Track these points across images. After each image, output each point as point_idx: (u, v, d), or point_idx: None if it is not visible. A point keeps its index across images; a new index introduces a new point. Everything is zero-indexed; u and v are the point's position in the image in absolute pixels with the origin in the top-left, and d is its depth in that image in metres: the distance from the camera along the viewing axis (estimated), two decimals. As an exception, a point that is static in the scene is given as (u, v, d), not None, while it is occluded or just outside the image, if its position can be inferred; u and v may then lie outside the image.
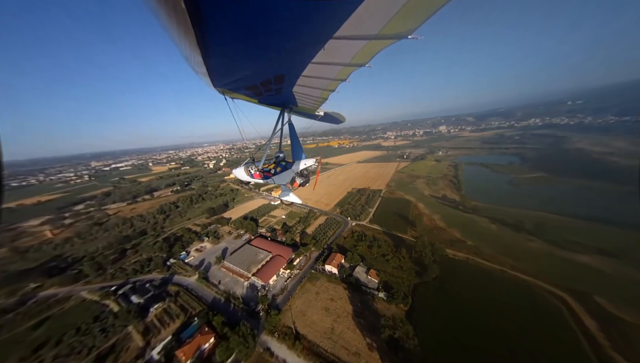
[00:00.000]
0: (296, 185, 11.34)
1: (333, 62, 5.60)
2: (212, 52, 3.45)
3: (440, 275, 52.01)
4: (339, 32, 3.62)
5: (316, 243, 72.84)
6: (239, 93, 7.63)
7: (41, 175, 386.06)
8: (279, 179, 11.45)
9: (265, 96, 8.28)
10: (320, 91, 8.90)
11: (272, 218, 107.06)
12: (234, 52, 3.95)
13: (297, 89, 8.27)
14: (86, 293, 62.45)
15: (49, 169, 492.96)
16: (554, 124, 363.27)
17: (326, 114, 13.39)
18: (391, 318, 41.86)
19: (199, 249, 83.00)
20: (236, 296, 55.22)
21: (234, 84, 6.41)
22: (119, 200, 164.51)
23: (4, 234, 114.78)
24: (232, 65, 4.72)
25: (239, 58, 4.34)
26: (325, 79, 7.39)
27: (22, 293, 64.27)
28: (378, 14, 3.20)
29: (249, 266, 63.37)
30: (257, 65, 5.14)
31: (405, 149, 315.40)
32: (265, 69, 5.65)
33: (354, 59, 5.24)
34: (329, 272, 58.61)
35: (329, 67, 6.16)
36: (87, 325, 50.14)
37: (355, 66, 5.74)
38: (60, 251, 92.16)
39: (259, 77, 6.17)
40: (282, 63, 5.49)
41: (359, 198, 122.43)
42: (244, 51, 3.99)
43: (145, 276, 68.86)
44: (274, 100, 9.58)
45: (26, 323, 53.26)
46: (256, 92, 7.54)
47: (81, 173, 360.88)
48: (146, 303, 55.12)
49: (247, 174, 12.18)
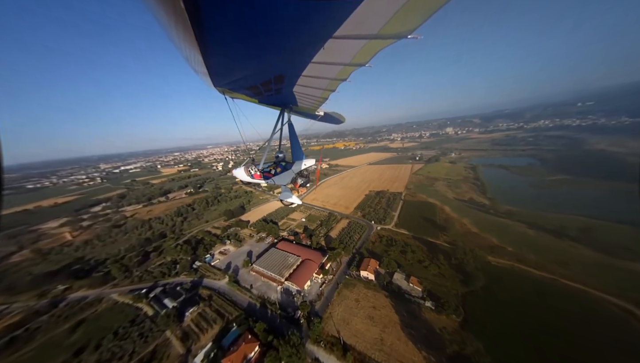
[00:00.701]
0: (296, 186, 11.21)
1: (333, 61, 5.56)
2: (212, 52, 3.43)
3: (488, 284, 49.77)
4: (338, 31, 3.60)
5: (345, 248, 71.39)
6: (239, 93, 7.54)
7: (54, 177, 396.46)
8: (279, 180, 11.28)
9: (265, 96, 8.23)
10: (321, 91, 8.84)
11: (292, 221, 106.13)
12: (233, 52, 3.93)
13: (297, 88, 8.17)
14: (117, 295, 62.25)
15: (60, 171, 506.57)
16: (566, 126, 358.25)
17: (326, 114, 13.29)
18: (455, 332, 39.64)
19: (222, 252, 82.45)
20: (271, 301, 54.08)
21: (234, 84, 6.34)
22: (134, 202, 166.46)
23: (25, 236, 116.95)
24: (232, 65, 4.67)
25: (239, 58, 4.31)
26: (325, 79, 7.32)
27: (52, 295, 64.52)
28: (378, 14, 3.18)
29: (280, 270, 62.27)
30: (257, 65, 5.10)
31: (416, 150, 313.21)
32: (265, 69, 5.60)
33: (354, 58, 5.22)
34: (365, 278, 57.01)
35: (329, 67, 6.12)
36: (124, 329, 49.64)
37: (355, 65, 5.68)
38: (81, 254, 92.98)
39: (259, 77, 6.14)
40: (282, 63, 5.45)
41: (379, 200, 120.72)
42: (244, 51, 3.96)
43: (173, 279, 68.43)
44: (274, 100, 9.53)
45: (62, 326, 53.11)
46: (256, 92, 7.47)
47: (92, 175, 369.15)
48: (180, 307, 54.44)
49: (247, 174, 11.91)
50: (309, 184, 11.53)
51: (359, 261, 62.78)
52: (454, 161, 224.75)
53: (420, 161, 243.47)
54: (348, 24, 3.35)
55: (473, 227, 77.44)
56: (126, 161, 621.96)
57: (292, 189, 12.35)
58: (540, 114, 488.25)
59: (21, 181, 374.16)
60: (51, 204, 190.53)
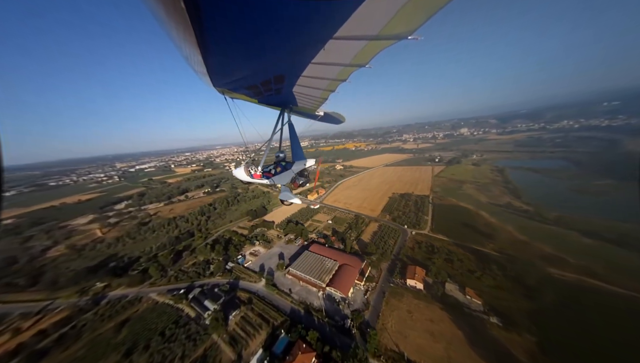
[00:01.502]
0: (296, 186, 11.39)
1: (333, 62, 5.56)
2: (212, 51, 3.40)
3: (560, 300, 45.66)
4: (339, 32, 3.62)
5: (383, 254, 69.10)
6: (238, 93, 7.54)
7: (73, 175, 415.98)
8: (279, 180, 11.32)
9: (265, 96, 8.28)
10: (320, 91, 8.88)
11: (318, 223, 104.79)
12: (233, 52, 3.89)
13: (297, 89, 8.22)
14: (155, 295, 62.81)
15: (78, 169, 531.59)
16: (594, 126, 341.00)
17: (326, 114, 13.35)
18: (534, 356, 36.09)
19: (253, 253, 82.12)
20: (315, 307, 52.63)
21: (234, 83, 6.29)
22: (155, 200, 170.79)
23: (57, 231, 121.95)
24: (232, 65, 4.67)
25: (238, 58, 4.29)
26: (325, 80, 7.32)
27: (93, 292, 66.01)
28: (378, 15, 3.19)
29: (320, 275, 60.80)
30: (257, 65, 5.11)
31: (432, 152, 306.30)
32: (265, 69, 5.59)
33: (354, 59, 5.23)
34: (412, 287, 54.51)
35: (329, 68, 6.12)
36: (170, 330, 49.64)
37: (355, 66, 5.69)
38: (114, 250, 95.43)
39: (258, 77, 6.15)
40: (282, 63, 5.45)
41: (405, 203, 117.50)
42: (244, 51, 3.95)
43: (209, 280, 68.44)
44: (274, 100, 9.54)
45: (107, 324, 53.88)
46: (256, 92, 7.49)
47: (109, 174, 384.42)
48: (222, 309, 54.07)
49: (247, 174, 11.93)
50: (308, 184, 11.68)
51: (401, 269, 60.37)
52: (477, 163, 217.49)
53: (439, 163, 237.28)
54: (349, 24, 3.35)
55: (520, 235, 73.03)
56: (140, 161, 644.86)
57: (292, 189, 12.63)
58: (563, 114, 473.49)
59: (43, 178, 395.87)
60: (75, 201, 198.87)
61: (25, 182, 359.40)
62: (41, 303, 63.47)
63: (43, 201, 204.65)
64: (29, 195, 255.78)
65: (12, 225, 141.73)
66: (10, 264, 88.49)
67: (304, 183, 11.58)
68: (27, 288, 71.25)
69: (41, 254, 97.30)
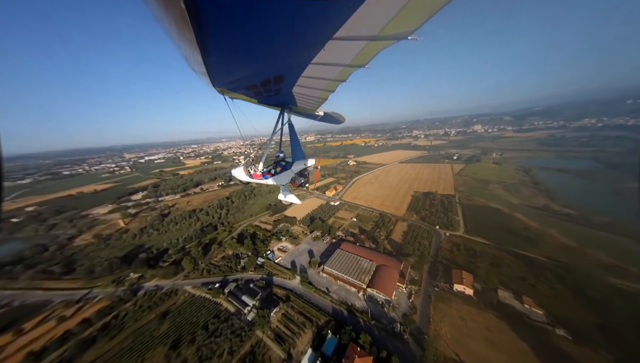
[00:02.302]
0: (295, 186, 11.30)
1: (333, 62, 5.64)
2: (212, 51, 3.45)
3: (631, 314, 43.13)
4: (339, 32, 3.65)
5: (421, 255, 67.24)
6: (238, 93, 7.58)
7: (85, 165, 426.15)
8: (279, 180, 11.38)
9: (264, 96, 8.34)
10: (320, 92, 9.00)
11: (342, 220, 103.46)
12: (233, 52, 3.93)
13: (297, 89, 8.32)
14: (191, 288, 63.16)
15: (89, 159, 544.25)
16: (620, 125, 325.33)
17: (326, 114, 13.50)
18: None
19: (281, 249, 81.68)
20: (358, 309, 51.72)
21: (234, 83, 6.32)
22: (170, 192, 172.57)
23: (79, 221, 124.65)
24: (231, 65, 4.73)
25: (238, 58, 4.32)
26: (325, 80, 7.42)
27: (129, 283, 66.90)
28: (378, 15, 3.23)
29: (359, 275, 59.67)
30: (256, 65, 5.11)
31: (447, 149, 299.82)
32: (265, 69, 5.64)
33: (354, 59, 5.31)
34: (460, 292, 52.76)
35: (329, 68, 6.21)
36: (213, 324, 49.70)
37: (354, 66, 5.78)
38: (139, 241, 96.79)
39: (258, 77, 6.16)
40: (282, 63, 5.50)
41: (430, 202, 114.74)
42: (244, 51, 3.95)
43: (241, 274, 68.39)
44: (274, 100, 9.59)
45: (148, 315, 54.46)
46: (256, 92, 7.52)
47: (120, 164, 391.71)
48: (261, 305, 53.83)
49: (247, 174, 11.98)
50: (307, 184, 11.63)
51: (444, 272, 58.61)
52: (498, 161, 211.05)
53: (458, 161, 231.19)
54: (348, 25, 3.37)
55: (569, 240, 69.79)
56: (148, 152, 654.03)
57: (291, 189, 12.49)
58: (582, 112, 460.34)
59: (55, 167, 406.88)
60: (91, 190, 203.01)
61: (39, 171, 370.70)
62: (80, 292, 64.89)
63: (60, 190, 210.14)
64: (45, 183, 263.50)
65: (34, 212, 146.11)
66: (41, 251, 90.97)
67: (303, 183, 11.39)
68: (63, 276, 72.98)
69: (68, 242, 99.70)
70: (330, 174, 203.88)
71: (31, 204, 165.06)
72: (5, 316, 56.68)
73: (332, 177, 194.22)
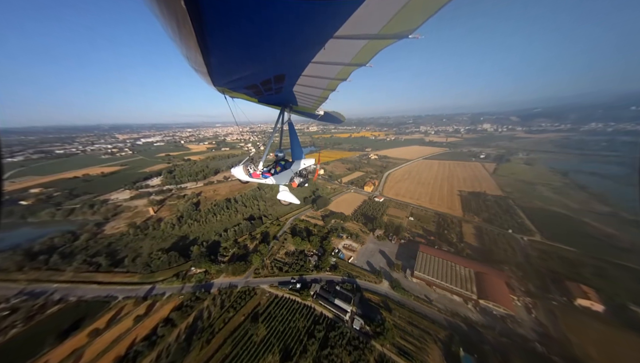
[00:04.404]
0: (294, 185, 11.52)
1: (333, 61, 5.75)
2: (213, 52, 3.52)
3: None
4: (339, 31, 3.73)
5: (517, 263, 64.10)
6: (238, 92, 7.77)
7: (77, 144, 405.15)
8: (278, 179, 11.54)
9: (265, 95, 8.51)
10: (321, 91, 9.22)
11: (396, 219, 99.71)
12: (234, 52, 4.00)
13: (297, 88, 8.53)
14: (268, 287, 58.71)
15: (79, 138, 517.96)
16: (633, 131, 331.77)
17: (326, 113, 13.90)
18: None
19: (348, 247, 77.61)
20: (478, 322, 48.31)
21: (234, 83, 6.46)
22: (190, 179, 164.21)
23: (101, 207, 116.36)
24: (232, 65, 4.78)
25: (239, 58, 4.37)
26: (325, 79, 7.63)
27: (195, 279, 61.64)
28: (378, 14, 3.29)
29: (462, 283, 56.29)
30: (257, 65, 5.19)
31: (467, 147, 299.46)
32: (266, 68, 5.74)
33: (354, 58, 5.40)
34: (585, 308, 49.80)
35: (329, 67, 6.35)
36: (319, 332, 45.65)
37: (355, 65, 5.92)
38: (180, 232, 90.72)
39: (259, 76, 6.27)
40: (283, 63, 5.62)
41: (484, 203, 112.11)
42: (245, 51, 4.03)
43: (319, 274, 64.14)
44: (274, 99, 9.78)
45: (237, 317, 49.81)
46: (256, 91, 7.68)
47: (117, 146, 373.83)
48: (364, 312, 50.08)
49: (246, 173, 12.17)
50: (307, 185, 11.69)
51: (555, 284, 55.62)
52: (529, 162, 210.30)
53: (486, 160, 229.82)
54: (349, 24, 3.43)
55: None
56: (142, 134, 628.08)
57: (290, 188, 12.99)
58: (589, 116, 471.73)
59: (43, 145, 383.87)
60: (98, 173, 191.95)
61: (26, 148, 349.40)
62: (141, 287, 59.56)
63: (61, 171, 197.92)
64: (40, 163, 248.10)
65: (42, 195, 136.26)
66: (71, 240, 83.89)
67: (302, 182, 11.58)
68: (112, 268, 66.90)
69: (98, 230, 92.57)
70: (355, 168, 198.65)
71: (34, 186, 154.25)
72: (67, 314, 51.21)
73: (359, 171, 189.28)
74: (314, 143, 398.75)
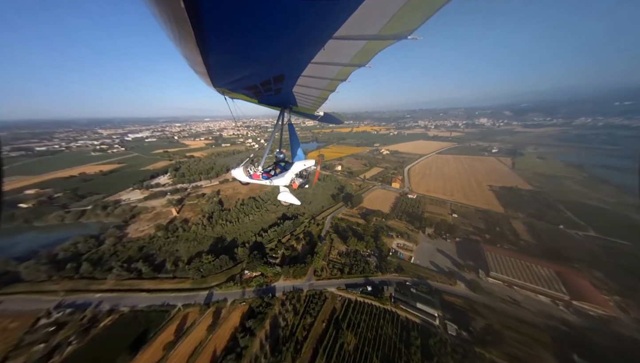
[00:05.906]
0: (295, 186, 11.75)
1: (333, 62, 5.85)
2: (212, 52, 3.58)
3: None
4: (339, 32, 3.80)
5: (590, 261, 63.80)
6: (238, 93, 7.89)
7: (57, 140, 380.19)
8: (278, 181, 11.73)
9: (264, 96, 8.67)
10: (320, 91, 9.31)
11: (438, 216, 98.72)
12: (233, 53, 4.05)
13: (297, 89, 8.68)
14: (336, 290, 56.07)
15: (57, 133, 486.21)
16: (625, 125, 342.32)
17: (326, 114, 14.33)
18: None
19: (403, 247, 75.77)
20: (579, 325, 47.36)
21: (234, 84, 6.59)
22: (202, 177, 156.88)
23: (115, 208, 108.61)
24: (232, 65, 4.86)
25: (238, 58, 4.47)
26: (325, 79, 7.73)
27: (256, 283, 57.69)
28: (378, 14, 3.35)
29: (546, 283, 55.39)
30: (257, 65, 5.29)
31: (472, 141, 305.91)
32: (265, 69, 5.85)
33: (354, 59, 5.49)
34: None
35: (329, 67, 6.42)
36: (415, 339, 43.40)
37: (354, 66, 5.97)
38: (213, 233, 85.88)
39: (258, 77, 6.39)
40: (282, 63, 5.70)
41: (520, 198, 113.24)
42: (244, 52, 4.09)
43: (385, 276, 62.06)
44: (274, 100, 9.99)
45: (312, 322, 46.64)
46: (256, 92, 7.81)
47: (105, 142, 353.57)
48: (453, 317, 48.35)
49: (246, 174, 12.20)
50: (307, 185, 11.84)
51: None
52: (542, 156, 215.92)
53: (498, 154, 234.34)
54: (348, 24, 3.49)
55: None
56: (127, 129, 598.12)
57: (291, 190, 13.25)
58: (579, 110, 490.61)
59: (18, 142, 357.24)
60: (96, 171, 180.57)
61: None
62: (197, 293, 55.64)
63: (51, 170, 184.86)
64: (22, 161, 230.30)
65: (43, 196, 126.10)
66: (96, 245, 77.28)
67: (303, 183, 11.56)
68: (155, 274, 61.80)
69: (122, 234, 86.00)
70: (371, 164, 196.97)
71: (28, 187, 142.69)
72: (125, 326, 46.71)
73: (377, 167, 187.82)
74: (316, 138, 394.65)
